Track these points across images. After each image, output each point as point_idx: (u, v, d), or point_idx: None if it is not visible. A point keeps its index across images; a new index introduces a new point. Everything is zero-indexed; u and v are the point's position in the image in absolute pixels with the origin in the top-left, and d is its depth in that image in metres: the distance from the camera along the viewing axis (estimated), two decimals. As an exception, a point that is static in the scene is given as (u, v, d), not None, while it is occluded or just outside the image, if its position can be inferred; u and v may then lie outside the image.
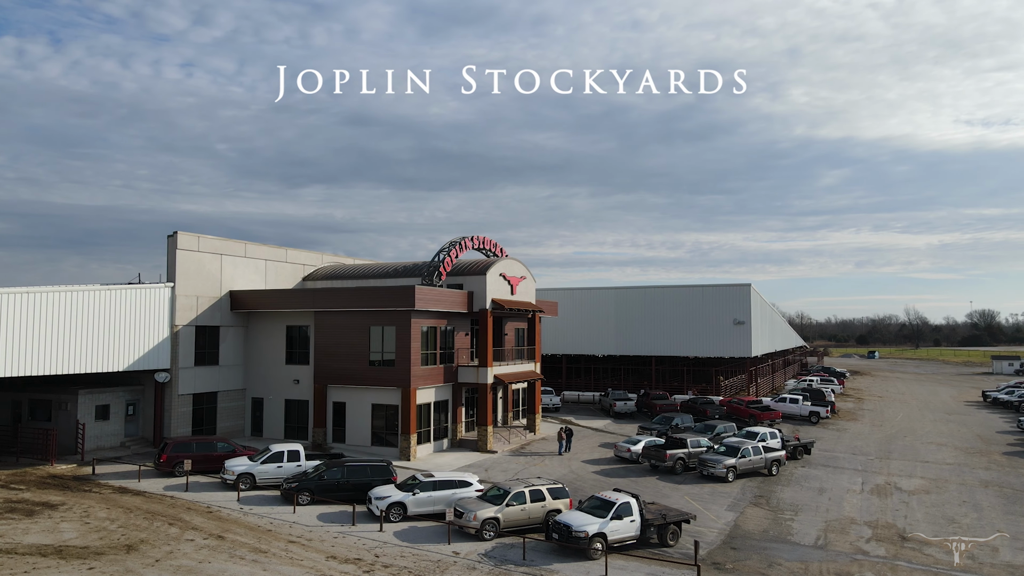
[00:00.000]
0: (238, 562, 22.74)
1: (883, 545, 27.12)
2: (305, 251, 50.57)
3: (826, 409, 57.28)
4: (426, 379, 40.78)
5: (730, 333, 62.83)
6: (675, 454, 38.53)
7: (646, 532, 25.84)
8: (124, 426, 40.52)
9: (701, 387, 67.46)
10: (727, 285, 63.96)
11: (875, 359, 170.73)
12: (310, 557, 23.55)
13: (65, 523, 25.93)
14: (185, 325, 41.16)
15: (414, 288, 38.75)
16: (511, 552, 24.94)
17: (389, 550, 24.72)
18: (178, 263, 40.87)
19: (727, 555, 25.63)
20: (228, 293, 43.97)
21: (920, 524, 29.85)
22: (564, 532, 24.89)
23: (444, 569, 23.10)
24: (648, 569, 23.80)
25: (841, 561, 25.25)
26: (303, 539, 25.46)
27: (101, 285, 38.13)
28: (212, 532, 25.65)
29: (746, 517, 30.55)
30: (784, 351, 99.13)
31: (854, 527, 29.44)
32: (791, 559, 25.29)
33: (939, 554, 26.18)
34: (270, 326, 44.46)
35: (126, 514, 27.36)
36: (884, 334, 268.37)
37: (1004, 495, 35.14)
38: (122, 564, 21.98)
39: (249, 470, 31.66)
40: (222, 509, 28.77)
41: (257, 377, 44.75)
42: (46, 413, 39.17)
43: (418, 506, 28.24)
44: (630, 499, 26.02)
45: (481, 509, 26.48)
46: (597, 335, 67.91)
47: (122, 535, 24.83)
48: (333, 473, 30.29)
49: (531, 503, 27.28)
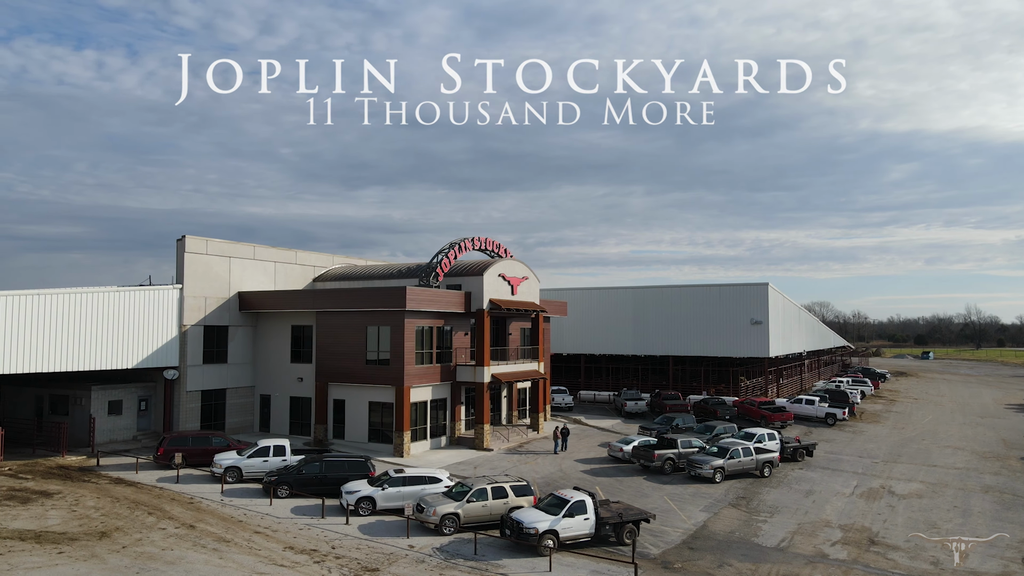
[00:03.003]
0: (200, 550, 23.96)
1: (847, 548, 26.73)
2: (315, 253, 52.15)
3: (843, 411, 56.00)
4: (421, 378, 41.68)
5: (747, 333, 61.97)
6: (664, 454, 38.47)
7: (601, 530, 26.08)
8: (137, 420, 42.62)
9: (719, 388, 66.69)
10: (744, 284, 63.10)
11: (929, 360, 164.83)
12: (269, 547, 24.63)
13: (54, 511, 27.68)
14: (193, 325, 43.05)
15: (405, 289, 39.70)
16: (465, 547, 25.55)
17: (348, 542, 25.63)
18: (186, 265, 42.77)
19: (681, 555, 25.69)
20: (236, 294, 45.77)
21: (897, 529, 29.26)
22: (516, 529, 25.37)
23: (393, 561, 23.87)
24: (594, 566, 24.09)
25: (795, 563, 25.04)
26: (269, 530, 26.60)
27: (117, 287, 40.29)
28: (185, 522, 27.02)
29: (719, 518, 30.43)
30: (818, 351, 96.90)
31: (826, 530, 29.05)
32: (744, 560, 25.21)
33: (901, 559, 25.69)
34: (277, 326, 46.08)
35: (112, 503, 29.01)
36: (945, 334, 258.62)
37: (1002, 501, 34.02)
38: (90, 549, 23.44)
39: (236, 464, 33.08)
40: (203, 500, 30.20)
41: (265, 375, 46.45)
42: (64, 408, 41.55)
43: (387, 501, 29.09)
44: (585, 497, 26.31)
45: (441, 505, 27.16)
46: (615, 335, 67.83)
47: (101, 523, 26.39)
48: (311, 468, 31.43)
49: (493, 500, 27.82)
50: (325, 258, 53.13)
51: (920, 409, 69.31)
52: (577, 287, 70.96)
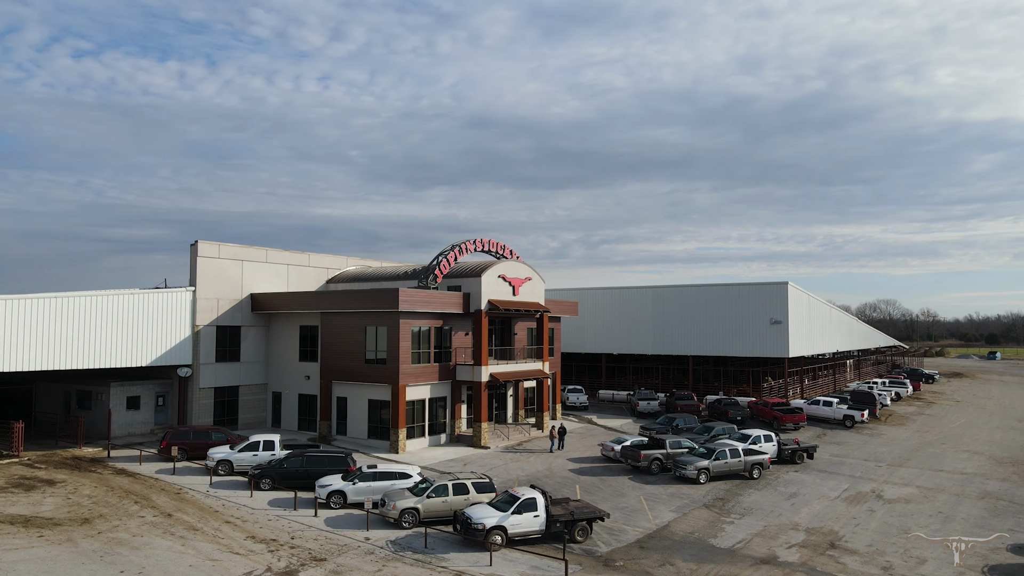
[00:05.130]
0: (167, 538, 25.63)
1: (802, 551, 26.53)
2: (328, 255, 54.03)
3: (861, 413, 54.60)
4: (417, 376, 42.87)
5: (767, 333, 61.02)
6: (651, 454, 38.59)
7: (552, 527, 26.65)
8: (154, 415, 45.20)
9: (742, 388, 65.80)
10: (763, 284, 62.14)
11: (995, 360, 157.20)
12: (233, 536, 26.13)
13: (50, 498, 29.94)
14: (206, 325, 45.35)
15: (397, 291, 40.94)
16: (418, 541, 26.49)
17: (309, 533, 26.92)
18: (199, 269, 45.09)
19: (629, 554, 26.01)
20: (249, 296, 47.93)
21: (866, 533, 28.80)
22: (465, 524, 26.19)
23: (344, 552, 25.02)
24: (535, 562, 24.69)
25: (740, 565, 25.06)
26: (239, 520, 28.14)
27: (139, 290, 42.89)
28: (165, 511, 28.84)
29: (686, 519, 30.52)
30: (862, 351, 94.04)
31: (790, 532, 28.82)
32: (689, 560, 25.37)
33: (853, 563, 25.38)
34: (287, 326, 48.06)
35: (106, 492, 31.13)
36: (1021, 333, 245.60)
37: (994, 507, 32.93)
38: (68, 534, 25.40)
39: (227, 457, 34.92)
40: (190, 491, 32.05)
41: (276, 373, 48.52)
42: (88, 403, 44.42)
43: (357, 495, 30.30)
44: (536, 495, 26.92)
45: (401, 499, 28.21)
46: (636, 334, 67.72)
47: (88, 510, 28.44)
48: (293, 462, 32.95)
49: (454, 496, 28.69)
50: (339, 260, 54.97)
51: (956, 412, 66.76)
52: (597, 287, 71.07)
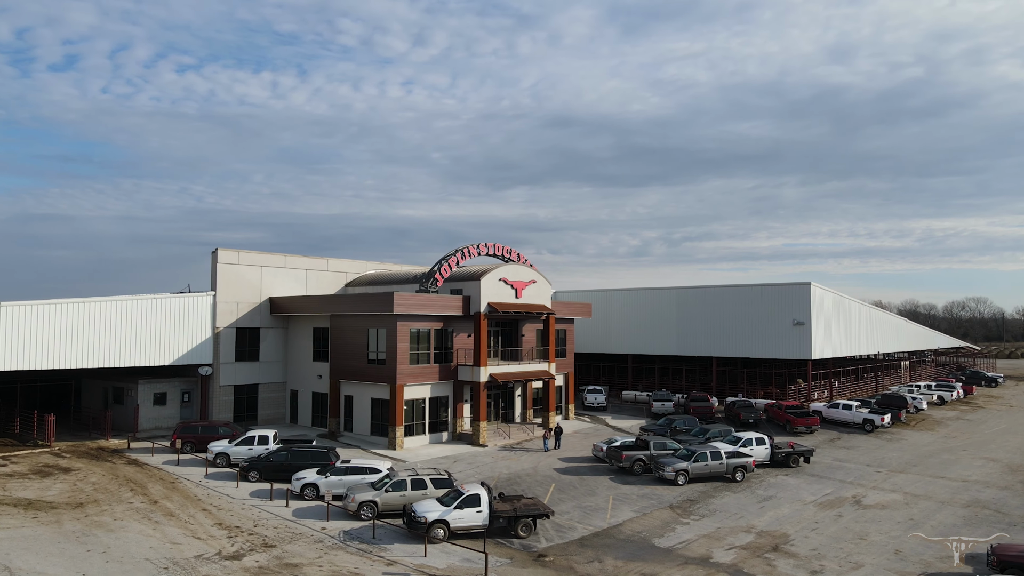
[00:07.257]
0: (143, 522, 28.20)
1: (740, 553, 26.79)
2: (347, 260, 56.58)
3: (881, 417, 53.04)
4: (416, 376, 44.68)
5: (789, 334, 59.97)
6: (633, 455, 39.10)
7: (495, 523, 27.86)
8: (180, 411, 48.68)
9: (768, 390, 64.77)
10: (786, 284, 61.02)
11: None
12: (202, 523, 28.50)
13: (59, 484, 33.18)
14: (226, 327, 48.53)
15: (392, 295, 42.84)
16: (368, 532, 28.19)
17: (272, 522, 29.03)
18: (219, 275, 48.30)
19: (565, 550, 26.93)
20: (268, 299, 50.91)
21: (818, 538, 28.72)
22: (410, 517, 27.72)
23: (294, 540, 26.96)
24: (468, 555, 25.97)
25: (668, 564, 25.61)
26: (215, 508, 30.54)
27: (167, 294, 46.46)
28: (153, 498, 31.56)
29: (644, 518, 31.10)
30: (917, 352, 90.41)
31: (739, 535, 29.02)
32: (619, 558, 26.08)
33: (785, 566, 25.51)
34: (302, 328, 50.80)
35: (110, 480, 34.21)
36: None
37: (973, 516, 32.03)
38: (58, 516, 28.30)
39: (225, 451, 37.59)
40: (183, 481, 34.80)
41: (293, 372, 51.34)
42: (121, 398, 48.31)
43: (329, 488, 32.25)
44: (480, 492, 28.18)
45: (361, 493, 29.98)
46: (659, 335, 67.66)
47: (87, 496, 31.44)
48: (279, 456, 35.26)
49: (412, 491, 30.25)
50: (358, 264, 57.45)
51: (1000, 417, 63.70)
52: (622, 288, 71.33)
